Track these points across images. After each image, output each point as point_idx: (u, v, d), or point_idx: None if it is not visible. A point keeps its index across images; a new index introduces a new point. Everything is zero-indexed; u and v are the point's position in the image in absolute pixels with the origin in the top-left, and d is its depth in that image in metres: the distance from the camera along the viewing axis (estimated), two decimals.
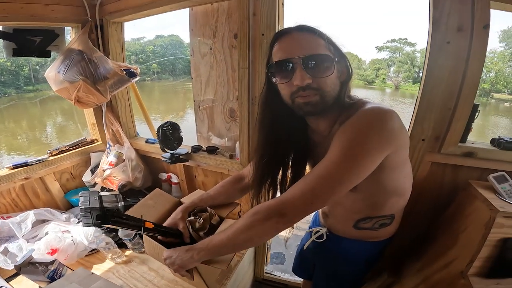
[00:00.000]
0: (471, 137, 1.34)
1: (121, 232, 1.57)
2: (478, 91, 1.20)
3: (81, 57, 1.66)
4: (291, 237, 2.07)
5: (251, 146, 1.64)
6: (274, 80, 0.83)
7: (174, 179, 2.08)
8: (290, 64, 0.77)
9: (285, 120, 0.90)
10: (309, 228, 1.28)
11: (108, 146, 2.13)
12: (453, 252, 1.19)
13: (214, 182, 1.92)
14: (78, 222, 1.75)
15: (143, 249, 1.60)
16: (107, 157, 2.05)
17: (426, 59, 1.23)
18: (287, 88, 0.80)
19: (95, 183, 1.99)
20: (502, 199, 1.09)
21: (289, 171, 1.02)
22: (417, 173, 1.37)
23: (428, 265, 1.31)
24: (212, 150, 1.83)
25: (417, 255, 1.42)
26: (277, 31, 1.25)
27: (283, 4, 1.46)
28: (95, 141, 2.25)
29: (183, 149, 1.85)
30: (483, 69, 1.20)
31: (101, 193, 1.79)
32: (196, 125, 1.98)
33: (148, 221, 1.04)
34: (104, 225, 0.87)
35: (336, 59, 0.79)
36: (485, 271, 1.07)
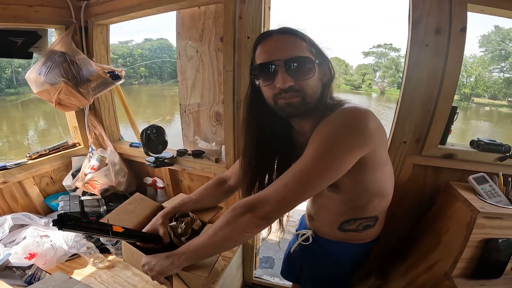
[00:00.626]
0: (453, 140, 1.38)
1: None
2: (459, 96, 1.24)
3: (63, 58, 1.64)
4: (281, 241, 2.07)
5: (238, 150, 1.64)
6: (257, 82, 0.85)
7: (160, 184, 2.06)
8: (272, 67, 0.78)
9: (270, 122, 0.92)
10: (296, 231, 1.28)
11: (90, 150, 2.10)
12: (437, 253, 1.21)
13: (200, 186, 1.90)
14: None
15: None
16: (89, 161, 2.02)
17: (406, 61, 1.27)
18: (269, 90, 0.82)
19: (76, 188, 1.95)
20: (483, 200, 1.13)
21: (275, 174, 1.02)
22: (399, 175, 1.39)
23: (413, 267, 1.33)
24: (198, 154, 1.83)
25: (403, 257, 1.45)
26: (262, 32, 1.30)
27: (269, 7, 1.48)
28: (77, 144, 2.21)
29: (168, 153, 1.84)
30: (464, 73, 1.24)
31: (83, 198, 1.78)
32: (182, 129, 1.97)
33: (117, 225, 0.99)
34: (62, 230, 0.83)
35: (317, 61, 0.81)
36: (469, 272, 1.09)
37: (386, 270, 1.52)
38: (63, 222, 0.81)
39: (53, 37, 1.91)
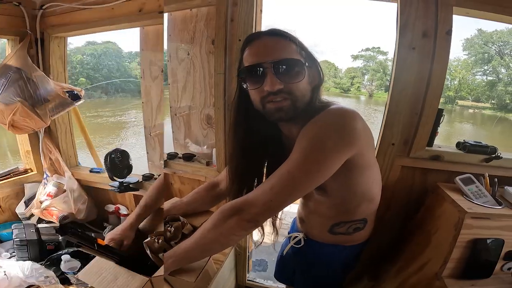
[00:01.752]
0: (439, 143, 1.60)
1: (64, 265, 1.63)
2: (443, 99, 1.48)
3: (19, 75, 1.74)
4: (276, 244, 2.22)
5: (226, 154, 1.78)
6: (244, 86, 0.92)
7: (123, 211, 2.17)
8: (261, 69, 0.84)
9: (258, 126, 0.98)
10: (288, 233, 1.40)
11: (45, 176, 2.19)
12: (427, 253, 1.39)
13: (191, 190, 1.98)
14: (10, 257, 1.80)
15: (88, 285, 1.66)
16: (45, 187, 2.11)
17: (393, 64, 1.48)
18: (257, 93, 0.88)
19: (31, 215, 2.04)
20: (469, 200, 1.31)
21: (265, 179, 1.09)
22: (388, 178, 1.58)
23: (404, 268, 1.50)
24: (188, 157, 1.99)
25: (394, 258, 1.62)
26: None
27: (261, 10, 1.68)
28: (29, 170, 2.28)
29: (133, 178, 1.96)
30: (448, 77, 1.49)
31: (38, 225, 1.89)
32: (173, 132, 2.15)
33: (100, 239, 1.19)
34: (62, 237, 1.06)
35: (307, 64, 0.88)
36: (459, 272, 1.26)
37: (378, 272, 1.69)
38: (65, 230, 1.07)
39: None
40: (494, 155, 1.51)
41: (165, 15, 1.88)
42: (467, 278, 1.27)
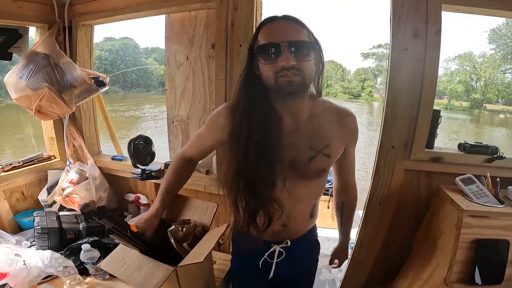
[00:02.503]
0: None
1: (84, 255, 1.64)
2: (468, 103, 1.47)
3: (46, 61, 1.79)
4: None
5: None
6: (260, 61, 1.02)
7: (143, 200, 2.19)
8: (278, 47, 0.96)
9: (261, 104, 1.08)
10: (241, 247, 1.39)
11: (68, 163, 2.23)
12: (435, 259, 1.38)
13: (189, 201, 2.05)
14: (30, 246, 1.82)
15: (107, 276, 1.68)
16: (67, 175, 2.14)
17: (388, 66, 1.49)
18: (271, 68, 0.99)
19: (54, 202, 2.07)
20: (470, 200, 1.32)
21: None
22: (391, 181, 1.59)
23: (416, 277, 1.49)
24: None
25: (406, 268, 1.61)
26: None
27: (261, 14, 1.68)
28: (53, 157, 2.33)
29: (155, 166, 1.99)
30: (473, 76, 1.47)
31: (60, 213, 1.91)
32: (169, 141, 2.13)
33: (132, 225, 1.21)
34: (100, 220, 1.05)
35: (315, 48, 1.02)
36: (468, 277, 1.25)
37: (391, 283, 1.69)
38: (103, 213, 1.07)
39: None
40: (496, 156, 1.50)
41: (163, 16, 1.92)
42: (476, 283, 1.25)
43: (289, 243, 1.27)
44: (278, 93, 1.03)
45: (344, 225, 1.47)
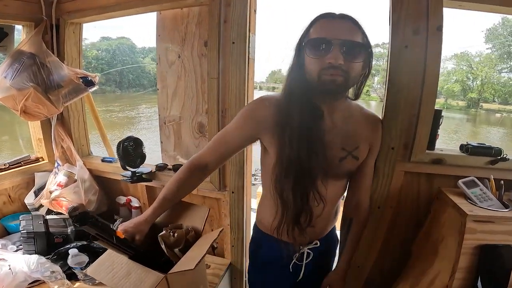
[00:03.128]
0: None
1: (72, 260, 1.60)
2: (465, 102, 1.43)
3: (32, 61, 1.74)
4: None
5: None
6: (308, 54, 1.02)
7: (135, 203, 2.15)
8: (329, 44, 0.96)
9: (304, 98, 1.08)
10: (266, 254, 1.41)
11: (56, 165, 2.18)
12: (436, 265, 1.33)
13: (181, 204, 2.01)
14: (16, 250, 1.78)
15: (96, 281, 1.63)
16: (55, 177, 2.09)
17: (387, 64, 1.45)
18: (317, 63, 1.00)
19: (40, 206, 2.02)
20: (473, 204, 1.26)
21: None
22: (391, 184, 1.53)
23: (416, 283, 1.43)
24: (178, 168, 1.92)
25: (406, 273, 1.57)
26: (248, 37, 1.55)
27: (255, 11, 1.64)
28: (40, 159, 2.28)
29: (146, 168, 1.94)
30: (470, 76, 1.44)
31: (47, 217, 1.86)
32: (161, 142, 2.08)
33: (118, 231, 1.16)
34: (81, 227, 1.00)
35: (366, 51, 1.03)
36: (470, 284, 1.20)
37: None
38: (85, 219, 1.01)
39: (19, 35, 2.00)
40: (500, 157, 1.44)
41: (155, 13, 1.87)
42: None
43: (318, 244, 1.31)
44: (319, 90, 1.04)
45: (347, 249, 1.42)
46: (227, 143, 1.25)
